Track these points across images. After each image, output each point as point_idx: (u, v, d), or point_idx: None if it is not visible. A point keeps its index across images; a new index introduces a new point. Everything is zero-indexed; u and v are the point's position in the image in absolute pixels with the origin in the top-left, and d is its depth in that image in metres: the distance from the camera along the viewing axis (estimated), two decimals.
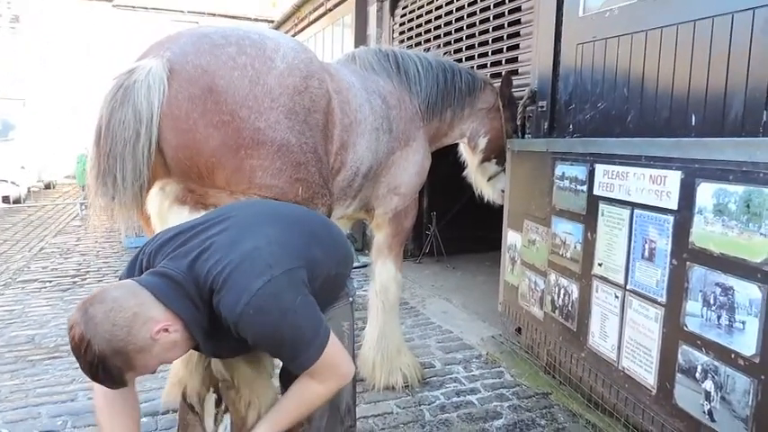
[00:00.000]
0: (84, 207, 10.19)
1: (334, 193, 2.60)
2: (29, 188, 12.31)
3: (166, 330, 1.34)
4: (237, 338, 1.40)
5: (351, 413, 1.77)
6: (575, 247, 3.00)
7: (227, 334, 1.41)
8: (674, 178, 2.33)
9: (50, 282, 5.59)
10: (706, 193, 2.18)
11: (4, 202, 10.66)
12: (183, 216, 2.00)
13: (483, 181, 3.95)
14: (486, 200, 4.07)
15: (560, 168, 3.15)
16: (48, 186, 14.87)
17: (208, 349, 1.49)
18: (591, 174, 2.86)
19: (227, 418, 1.63)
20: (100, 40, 17.22)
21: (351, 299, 1.76)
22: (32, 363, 3.61)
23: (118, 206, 2.06)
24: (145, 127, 1.94)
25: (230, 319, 1.34)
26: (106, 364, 1.27)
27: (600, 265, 2.79)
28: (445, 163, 4.00)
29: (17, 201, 11.19)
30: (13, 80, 15.57)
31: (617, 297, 2.67)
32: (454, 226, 6.32)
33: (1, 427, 2.79)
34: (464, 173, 3.97)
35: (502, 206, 3.96)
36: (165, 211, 2.01)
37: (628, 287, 2.61)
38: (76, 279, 5.71)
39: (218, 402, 1.68)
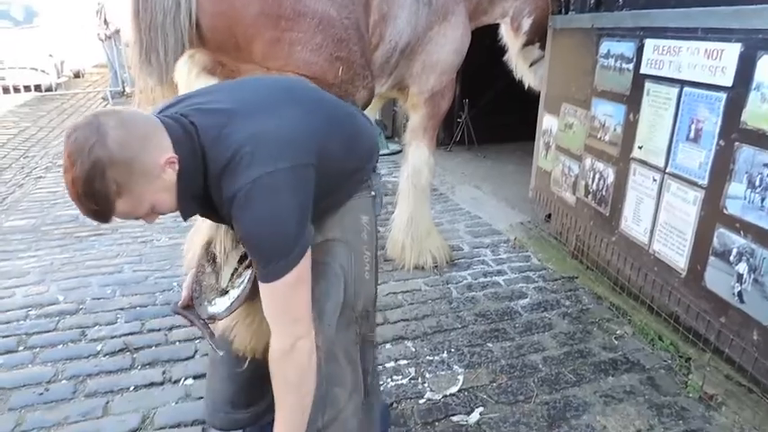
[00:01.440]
0: (113, 95, 10.20)
1: (375, 74, 2.49)
2: (58, 76, 12.29)
3: (173, 164, 1.21)
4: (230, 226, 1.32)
5: (369, 320, 1.63)
6: (614, 130, 2.89)
7: (220, 213, 1.32)
8: (732, 52, 2.16)
9: None
10: (767, 66, 2.01)
11: (35, 90, 10.71)
12: None
13: (524, 66, 3.74)
14: (526, 87, 3.88)
15: (606, 45, 2.95)
16: (77, 75, 14.82)
17: (187, 213, 1.37)
18: (639, 50, 2.67)
19: (247, 274, 1.50)
20: None
21: (373, 193, 1.60)
22: (79, 239, 3.80)
23: (162, 86, 2.03)
24: None
25: (225, 201, 1.25)
26: (105, 176, 1.11)
27: (640, 147, 2.69)
28: (480, 46, 3.78)
29: (48, 89, 11.22)
30: None
31: (655, 180, 2.60)
32: (486, 114, 6.12)
33: (57, 294, 3.01)
34: (504, 57, 3.76)
35: (538, 94, 3.79)
36: (194, 79, 1.95)
37: (667, 170, 2.52)
38: None
39: (242, 258, 1.57)
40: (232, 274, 1.54)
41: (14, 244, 3.72)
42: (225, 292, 1.54)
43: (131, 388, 2.27)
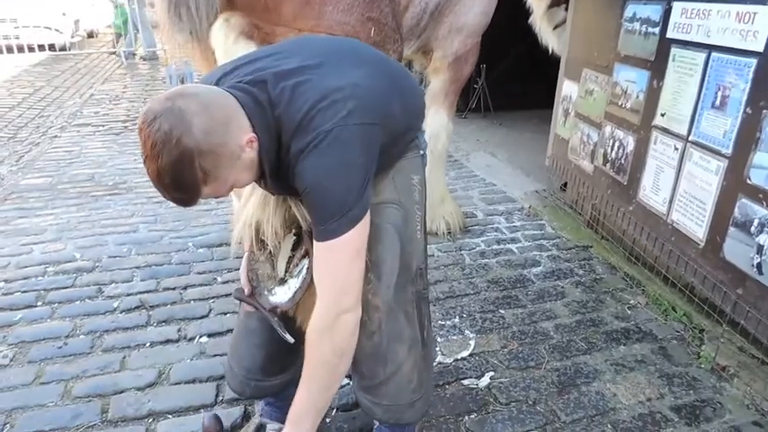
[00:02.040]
0: (127, 55, 10.15)
1: (404, 37, 2.43)
2: (72, 35, 12.21)
3: (252, 143, 1.20)
4: (293, 184, 1.29)
5: (423, 277, 1.65)
6: (636, 97, 2.81)
7: (287, 176, 1.30)
8: (765, 15, 2.07)
9: (103, 126, 5.75)
10: None
11: (50, 49, 10.67)
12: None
13: (548, 30, 3.64)
14: (550, 52, 3.77)
15: (631, 8, 2.85)
16: (90, 35, 14.74)
17: (268, 185, 1.37)
18: (666, 13, 2.58)
19: (304, 263, 1.47)
20: None
21: (421, 152, 1.58)
22: (95, 198, 3.84)
23: (195, 41, 1.99)
24: None
25: (292, 157, 1.24)
26: (193, 165, 1.10)
27: (662, 115, 2.63)
28: (499, 11, 3.68)
29: (62, 48, 11.18)
30: None
31: (676, 149, 2.54)
32: (503, 81, 5.99)
33: (74, 252, 3.05)
34: (523, 21, 3.65)
35: (557, 60, 3.68)
36: (231, 45, 1.91)
37: (690, 138, 2.46)
38: (127, 124, 5.85)
39: (295, 245, 1.53)
40: (288, 262, 1.52)
41: (31, 202, 3.76)
42: (283, 281, 1.52)
43: (147, 344, 2.31)
